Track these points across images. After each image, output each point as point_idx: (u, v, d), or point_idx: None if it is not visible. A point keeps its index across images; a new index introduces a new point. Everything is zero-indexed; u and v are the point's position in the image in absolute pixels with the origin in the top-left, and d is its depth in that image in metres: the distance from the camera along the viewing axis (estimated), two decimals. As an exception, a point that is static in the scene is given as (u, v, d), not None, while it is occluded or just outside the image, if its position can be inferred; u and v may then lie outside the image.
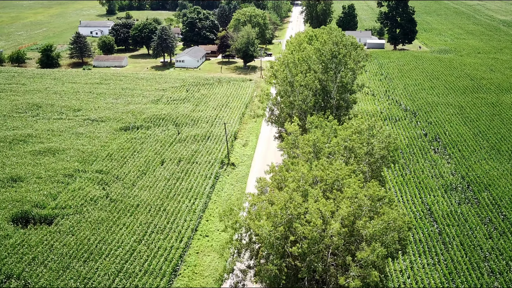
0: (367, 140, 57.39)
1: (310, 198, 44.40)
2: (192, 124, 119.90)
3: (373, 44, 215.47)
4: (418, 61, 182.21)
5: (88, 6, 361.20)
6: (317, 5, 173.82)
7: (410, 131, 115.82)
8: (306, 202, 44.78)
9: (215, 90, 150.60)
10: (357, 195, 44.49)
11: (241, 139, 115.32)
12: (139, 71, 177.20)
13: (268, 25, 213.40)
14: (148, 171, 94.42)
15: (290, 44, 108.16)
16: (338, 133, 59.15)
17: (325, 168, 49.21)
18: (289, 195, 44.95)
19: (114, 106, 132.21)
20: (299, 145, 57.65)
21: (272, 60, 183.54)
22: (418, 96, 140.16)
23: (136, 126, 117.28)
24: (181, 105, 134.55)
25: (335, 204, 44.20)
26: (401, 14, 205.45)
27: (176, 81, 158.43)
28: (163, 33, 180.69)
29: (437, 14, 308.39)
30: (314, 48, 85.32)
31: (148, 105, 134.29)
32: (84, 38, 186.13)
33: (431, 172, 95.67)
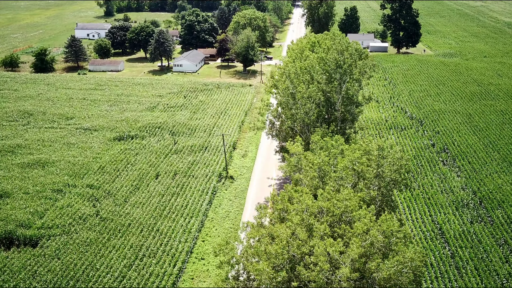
0: (376, 162, 52.42)
1: (316, 233, 39.48)
2: (189, 134, 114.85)
3: (376, 47, 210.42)
4: (423, 65, 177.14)
5: (86, 7, 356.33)
6: (319, 8, 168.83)
7: (417, 141, 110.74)
8: (311, 238, 39.84)
9: (213, 96, 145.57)
10: (369, 231, 39.55)
11: (240, 149, 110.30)
12: (135, 75, 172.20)
13: (269, 28, 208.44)
14: (142, 186, 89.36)
15: (291, 50, 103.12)
16: (346, 154, 54.14)
17: (332, 196, 44.24)
18: (292, 230, 40.02)
19: (108, 114, 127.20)
20: (302, 167, 52.68)
21: (273, 65, 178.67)
22: (424, 103, 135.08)
23: (130, 136, 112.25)
24: (178, 113, 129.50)
25: (344, 242, 39.24)
26: (405, 17, 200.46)
27: (173, 87, 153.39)
28: (160, 37, 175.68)
29: (440, 16, 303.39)
30: (317, 57, 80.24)
31: (144, 112, 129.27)
32: (80, 41, 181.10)
33: (441, 187, 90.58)
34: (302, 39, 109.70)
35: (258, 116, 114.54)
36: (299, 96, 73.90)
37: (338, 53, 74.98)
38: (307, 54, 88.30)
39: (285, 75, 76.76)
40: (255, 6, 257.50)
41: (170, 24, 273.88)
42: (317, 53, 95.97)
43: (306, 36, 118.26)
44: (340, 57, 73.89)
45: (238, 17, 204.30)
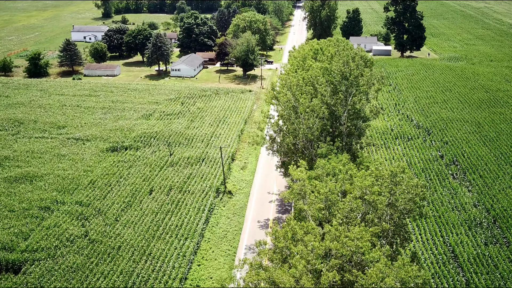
0: (389, 189, 47.33)
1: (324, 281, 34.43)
2: (186, 144, 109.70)
3: (379, 51, 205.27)
4: (428, 70, 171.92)
5: (84, 9, 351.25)
6: (321, 11, 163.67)
7: (425, 152, 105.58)
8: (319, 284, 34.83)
9: (212, 103, 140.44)
10: (384, 278, 34.55)
11: (239, 161, 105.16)
12: (132, 80, 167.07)
13: (269, 30, 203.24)
14: (134, 203, 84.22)
15: (293, 58, 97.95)
16: (355, 180, 49.00)
17: (341, 233, 39.21)
18: (296, 277, 35.02)
19: (102, 122, 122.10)
20: (307, 195, 47.56)
21: (273, 69, 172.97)
22: (431, 111, 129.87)
23: (124, 147, 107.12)
24: (174, 121, 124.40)
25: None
26: (409, 20, 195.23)
27: (170, 93, 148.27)
28: (157, 41, 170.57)
29: (444, 17, 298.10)
30: (321, 67, 75.06)
31: (139, 120, 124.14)
32: (75, 45, 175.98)
33: (451, 204, 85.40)
34: (304, 46, 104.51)
35: (257, 129, 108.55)
36: (302, 110, 68.75)
37: (344, 63, 69.70)
38: (309, 63, 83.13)
39: (286, 87, 71.54)
40: (255, 8, 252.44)
41: (168, 26, 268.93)
42: (321, 61, 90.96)
43: (308, 42, 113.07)
44: (346, 68, 68.65)
45: (237, 20, 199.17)
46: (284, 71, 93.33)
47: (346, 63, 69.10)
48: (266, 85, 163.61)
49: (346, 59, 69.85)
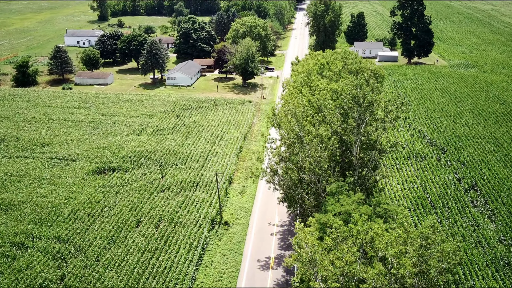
0: (417, 253, 38.40)
1: None
2: (180, 165, 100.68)
3: (385, 57, 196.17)
4: (438, 78, 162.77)
5: (79, 11, 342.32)
6: (325, 16, 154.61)
7: (440, 175, 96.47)
8: None
9: (209, 115, 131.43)
10: None
11: (237, 184, 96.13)
12: (125, 90, 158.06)
13: (270, 36, 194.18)
14: (119, 238, 75.18)
15: (296, 73, 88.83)
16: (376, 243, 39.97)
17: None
18: None
19: (89, 139, 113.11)
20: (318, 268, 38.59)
21: (275, 77, 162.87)
22: (444, 126, 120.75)
23: (112, 168, 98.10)
24: (168, 137, 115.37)
25: None
26: (417, 24, 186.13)
27: (165, 104, 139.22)
28: (152, 48, 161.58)
29: (450, 20, 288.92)
30: (330, 89, 65.99)
31: (130, 136, 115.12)
32: (65, 52, 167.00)
33: (474, 238, 76.31)
34: (309, 59, 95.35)
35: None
36: (308, 139, 59.67)
37: (357, 87, 60.57)
38: (315, 81, 74.06)
39: (290, 113, 62.40)
40: (255, 11, 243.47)
41: (166, 30, 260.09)
42: (327, 76, 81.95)
43: (312, 53, 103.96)
44: (359, 92, 59.51)
45: (237, 25, 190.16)
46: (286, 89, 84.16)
47: (360, 86, 59.94)
48: (266, 95, 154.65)
49: (359, 81, 60.67)
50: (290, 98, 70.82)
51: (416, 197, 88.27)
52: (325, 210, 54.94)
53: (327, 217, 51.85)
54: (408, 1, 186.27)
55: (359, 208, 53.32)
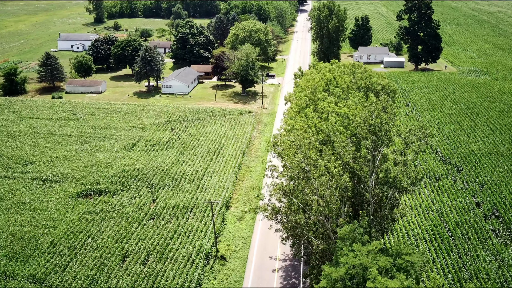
0: None
1: None
2: (173, 185, 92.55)
3: (391, 62, 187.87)
4: (448, 86, 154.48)
5: (76, 13, 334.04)
6: (329, 21, 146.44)
7: (457, 198, 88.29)
8: None
9: (206, 128, 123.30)
10: None
11: (235, 208, 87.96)
12: (118, 99, 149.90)
13: (271, 41, 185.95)
14: (102, 276, 67.01)
15: (300, 89, 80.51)
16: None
17: None
18: None
19: (76, 156, 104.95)
20: None
21: (276, 84, 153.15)
22: (458, 140, 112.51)
23: (98, 190, 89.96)
24: (161, 153, 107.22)
25: None
26: (425, 29, 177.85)
27: (159, 115, 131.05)
28: (147, 54, 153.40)
29: (456, 23, 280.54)
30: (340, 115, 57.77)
31: (121, 153, 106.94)
32: (55, 59, 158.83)
33: (500, 277, 68.10)
34: (314, 72, 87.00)
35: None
36: (315, 174, 51.49)
37: (372, 114, 52.32)
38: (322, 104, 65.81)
39: (295, 145, 54.13)
40: (256, 14, 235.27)
41: (163, 33, 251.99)
42: (334, 93, 73.73)
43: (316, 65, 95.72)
44: (375, 120, 51.23)
45: (236, 29, 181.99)
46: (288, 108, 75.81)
47: (376, 115, 51.66)
48: (267, 104, 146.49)
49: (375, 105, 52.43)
50: (293, 122, 62.58)
51: (432, 225, 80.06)
52: (336, 261, 46.82)
53: (339, 272, 43.69)
54: (416, 5, 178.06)
55: (377, 260, 45.16)
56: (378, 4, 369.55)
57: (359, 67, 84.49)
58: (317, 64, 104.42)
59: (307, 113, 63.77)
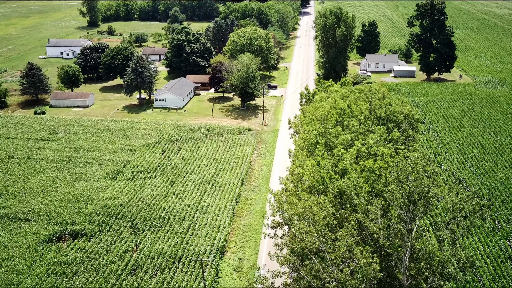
0: None
1: None
2: (160, 226, 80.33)
3: (401, 71, 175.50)
4: (465, 100, 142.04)
5: (69, 15, 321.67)
6: (336, 29, 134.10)
7: (490, 243, 75.91)
8: None
9: (201, 149, 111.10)
10: None
11: (232, 254, 75.72)
12: (106, 114, 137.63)
13: (272, 48, 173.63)
14: None
15: (308, 120, 68.04)
16: None
17: None
18: None
19: (53, 186, 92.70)
20: None
21: (278, 97, 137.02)
22: (483, 167, 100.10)
23: (73, 232, 77.74)
24: (149, 182, 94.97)
25: None
26: (438, 36, 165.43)
27: (150, 134, 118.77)
28: (138, 65, 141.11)
29: (467, 27, 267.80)
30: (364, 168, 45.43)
31: (103, 182, 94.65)
32: (39, 69, 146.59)
33: None
34: (324, 97, 74.47)
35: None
36: (334, 255, 39.13)
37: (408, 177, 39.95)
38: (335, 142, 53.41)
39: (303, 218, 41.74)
40: (256, 18, 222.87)
41: (159, 38, 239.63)
42: (350, 127, 61.36)
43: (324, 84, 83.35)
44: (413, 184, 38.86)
45: (236, 36, 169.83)
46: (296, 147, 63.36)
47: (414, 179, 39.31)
48: (269, 120, 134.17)
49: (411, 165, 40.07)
50: (302, 172, 50.14)
51: (465, 282, 67.61)
52: None
53: None
54: (428, 10, 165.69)
55: None
56: (383, 6, 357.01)
57: (376, 91, 72.12)
58: (324, 83, 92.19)
59: (319, 161, 51.22)
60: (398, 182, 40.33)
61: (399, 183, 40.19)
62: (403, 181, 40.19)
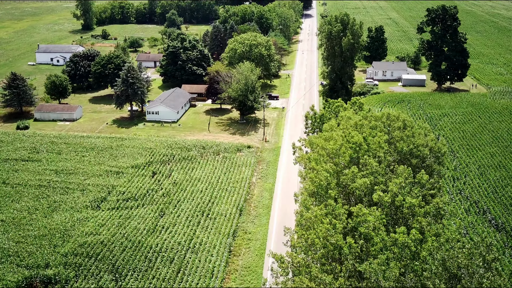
0: None
1: None
2: (145, 269, 70.10)
3: (410, 80, 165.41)
4: (482, 114, 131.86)
5: (64, 18, 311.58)
6: (342, 37, 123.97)
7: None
8: None
9: (195, 172, 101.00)
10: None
11: (227, 305, 65.49)
12: (94, 128, 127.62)
13: (274, 56, 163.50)
14: None
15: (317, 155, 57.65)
16: None
17: None
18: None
19: (28, 218, 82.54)
20: None
21: (280, 108, 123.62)
22: (508, 194, 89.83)
23: (45, 278, 67.58)
24: (136, 213, 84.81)
25: None
26: (450, 43, 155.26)
27: (140, 153, 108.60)
28: (129, 76, 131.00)
29: (476, 31, 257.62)
30: (394, 241, 35.20)
31: (84, 213, 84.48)
32: (23, 80, 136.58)
33: None
34: (334, 127, 64.06)
35: (258, 226, 63.21)
36: None
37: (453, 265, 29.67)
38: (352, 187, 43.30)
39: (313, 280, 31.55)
40: (256, 23, 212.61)
41: (155, 43, 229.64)
42: (368, 167, 51.27)
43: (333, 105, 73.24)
44: (467, 279, 28.66)
45: (234, 43, 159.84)
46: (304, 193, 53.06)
47: (468, 272, 29.04)
48: (270, 135, 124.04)
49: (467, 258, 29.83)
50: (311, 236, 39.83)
51: None
52: None
53: None
54: (439, 16, 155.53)
55: None
56: (387, 7, 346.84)
57: (395, 119, 61.89)
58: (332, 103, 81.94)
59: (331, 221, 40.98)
60: (444, 269, 30.23)
61: (445, 272, 30.03)
62: (451, 268, 30.00)
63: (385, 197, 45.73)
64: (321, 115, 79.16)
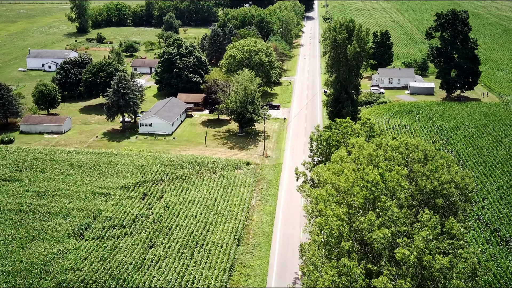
0: None
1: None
2: (130, 314, 62.12)
3: (418, 88, 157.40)
4: (496, 126, 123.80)
5: (59, 20, 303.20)
6: (347, 45, 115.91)
7: None
8: None
9: (189, 193, 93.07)
10: None
11: None
12: (83, 142, 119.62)
13: (274, 63, 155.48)
14: None
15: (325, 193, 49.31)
16: None
17: None
18: None
19: (3, 250, 74.67)
20: None
21: (281, 119, 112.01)
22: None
23: (16, 327, 59.60)
24: (123, 243, 76.83)
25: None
26: (460, 50, 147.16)
27: (130, 172, 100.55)
28: (120, 86, 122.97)
29: (483, 34, 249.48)
30: None
31: (65, 243, 76.52)
32: (9, 90, 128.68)
33: None
34: (344, 157, 55.79)
35: (259, 258, 55.32)
36: None
37: None
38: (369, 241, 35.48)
39: None
40: (256, 26, 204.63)
41: (152, 47, 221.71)
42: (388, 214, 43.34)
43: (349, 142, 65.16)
44: None
45: (233, 50, 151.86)
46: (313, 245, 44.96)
47: None
48: (271, 150, 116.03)
49: None
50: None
51: None
52: None
53: None
54: (449, 21, 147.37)
55: None
56: (391, 9, 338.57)
57: (414, 148, 53.71)
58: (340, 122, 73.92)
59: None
60: None
61: None
62: None
63: (410, 256, 37.76)
64: (327, 137, 71.17)
